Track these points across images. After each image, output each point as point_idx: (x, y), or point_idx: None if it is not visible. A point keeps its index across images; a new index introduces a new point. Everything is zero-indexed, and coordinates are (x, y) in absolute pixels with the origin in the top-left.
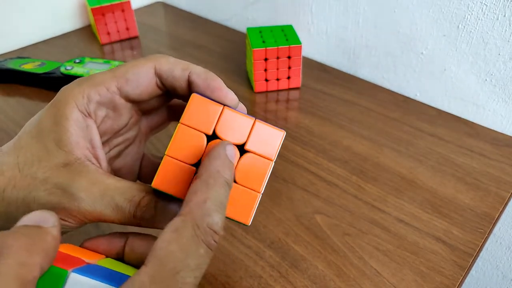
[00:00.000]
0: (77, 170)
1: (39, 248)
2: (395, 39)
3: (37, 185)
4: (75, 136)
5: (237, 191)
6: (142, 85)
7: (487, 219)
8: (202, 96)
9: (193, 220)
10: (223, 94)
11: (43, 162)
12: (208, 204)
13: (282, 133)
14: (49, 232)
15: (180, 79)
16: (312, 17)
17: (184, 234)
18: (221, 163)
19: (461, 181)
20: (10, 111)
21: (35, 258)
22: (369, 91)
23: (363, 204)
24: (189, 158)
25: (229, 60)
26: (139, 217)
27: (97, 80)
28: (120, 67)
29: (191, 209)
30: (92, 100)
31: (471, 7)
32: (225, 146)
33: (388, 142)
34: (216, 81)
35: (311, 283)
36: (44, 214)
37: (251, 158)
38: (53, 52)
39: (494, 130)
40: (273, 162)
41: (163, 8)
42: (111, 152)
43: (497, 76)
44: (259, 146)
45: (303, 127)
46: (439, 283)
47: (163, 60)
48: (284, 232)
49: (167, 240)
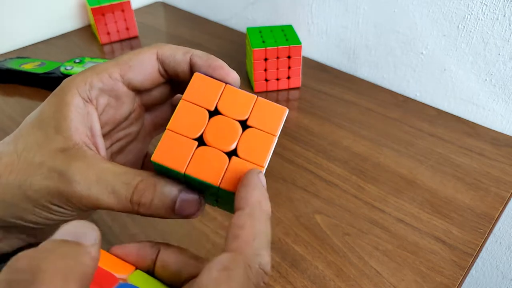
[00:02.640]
0: (74, 155)
1: (77, 273)
2: (395, 39)
3: (33, 169)
4: (75, 121)
5: (239, 165)
6: (144, 71)
7: (487, 219)
8: (205, 75)
9: (244, 259)
10: (225, 72)
11: (41, 147)
12: (257, 241)
13: (285, 109)
14: (89, 252)
15: (182, 62)
16: (312, 17)
17: (235, 275)
18: (261, 194)
19: (461, 181)
20: (10, 111)
21: (72, 285)
22: (369, 91)
23: (363, 204)
24: (190, 132)
25: (229, 60)
26: (136, 202)
27: (100, 68)
28: (123, 55)
29: (240, 246)
30: (94, 86)
31: (471, 7)
32: (258, 174)
33: (388, 142)
34: (218, 61)
35: (311, 283)
36: (85, 227)
37: (254, 133)
38: (53, 52)
39: (494, 130)
40: (276, 138)
41: (163, 8)
42: (113, 147)
43: (497, 76)
44: (261, 121)
45: (303, 127)
46: (439, 283)
47: (164, 46)
48: (284, 232)
49: (216, 279)
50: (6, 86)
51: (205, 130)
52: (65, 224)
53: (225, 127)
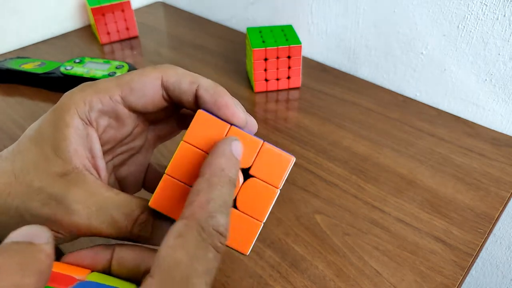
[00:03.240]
0: (74, 180)
1: (33, 267)
2: (395, 39)
3: (31, 194)
4: (74, 144)
5: (238, 217)
6: (147, 96)
7: (487, 219)
8: (209, 113)
9: (197, 222)
10: (230, 112)
11: (39, 169)
12: (212, 205)
13: (292, 158)
14: (42, 249)
15: (187, 92)
16: (312, 17)
17: (189, 238)
18: (225, 161)
19: (461, 181)
20: (10, 111)
21: (29, 279)
22: (369, 91)
23: (363, 204)
24: (189, 179)
25: (229, 60)
26: (135, 233)
27: (100, 87)
28: (126, 75)
29: (194, 211)
30: (93, 108)
31: (471, 7)
32: (230, 142)
33: (388, 142)
34: (224, 98)
35: (311, 283)
36: (36, 229)
37: (256, 183)
38: (53, 52)
39: (494, 130)
40: (278, 190)
41: (163, 8)
42: (114, 160)
43: (497, 76)
44: (265, 171)
45: (303, 127)
46: (439, 283)
47: (170, 72)
48: (284, 232)
49: (172, 246)
50: (6, 86)
51: None
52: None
53: None
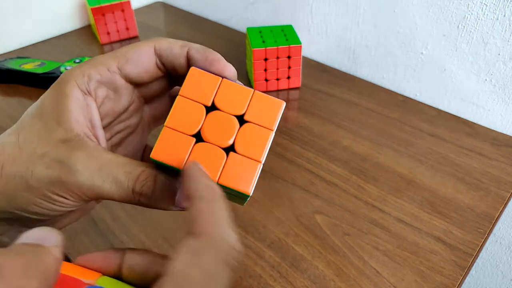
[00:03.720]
0: (76, 145)
1: (38, 270)
2: (395, 39)
3: (35, 160)
4: (75, 113)
5: (237, 160)
6: (142, 64)
7: (487, 219)
8: (201, 69)
9: (212, 240)
10: (221, 66)
11: (43, 138)
12: (219, 222)
13: (283, 103)
14: (50, 252)
15: (179, 56)
16: (312, 17)
17: (205, 257)
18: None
19: (461, 181)
20: (10, 110)
21: (32, 282)
22: (369, 91)
23: (363, 204)
24: (188, 129)
25: (229, 60)
26: (138, 192)
27: (98, 60)
28: (122, 48)
29: (205, 229)
30: (92, 78)
31: (471, 7)
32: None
33: (388, 142)
34: (214, 54)
35: (311, 283)
36: (47, 231)
37: (251, 128)
38: (53, 52)
39: (494, 130)
40: (273, 132)
41: (163, 8)
42: (112, 139)
43: (497, 76)
44: (258, 116)
45: (303, 127)
46: (439, 283)
47: (162, 40)
48: (284, 232)
49: (186, 263)
50: (6, 86)
51: (203, 126)
52: (27, 231)
53: (222, 122)
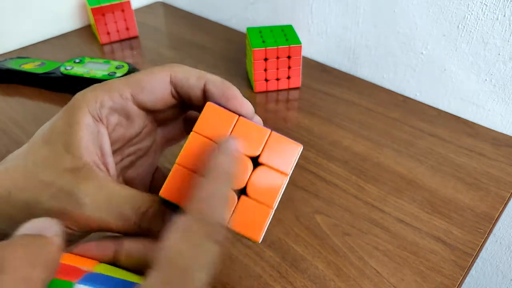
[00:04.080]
0: (84, 175)
1: (42, 260)
2: (395, 39)
3: (42, 188)
4: (85, 140)
5: (248, 204)
6: (156, 93)
7: (487, 219)
8: (217, 105)
9: (200, 216)
10: (238, 103)
11: (50, 165)
12: (212, 200)
13: (299, 147)
14: (51, 241)
15: (195, 87)
16: (312, 17)
17: (192, 231)
18: (225, 158)
19: (461, 181)
20: (10, 111)
21: (37, 272)
22: (369, 91)
23: (363, 204)
24: (199, 168)
25: (229, 60)
26: (144, 228)
27: (111, 86)
28: (135, 74)
29: (196, 205)
30: (104, 105)
31: (471, 7)
32: (229, 139)
33: (388, 142)
34: (231, 90)
35: (311, 283)
36: (46, 221)
37: (265, 171)
38: (53, 52)
39: (494, 130)
40: (288, 177)
41: (163, 8)
42: (123, 162)
43: (497, 76)
44: (274, 159)
45: (303, 127)
46: (439, 283)
47: (178, 69)
48: (284, 232)
49: (175, 239)
50: (6, 86)
51: None
52: (28, 221)
53: None
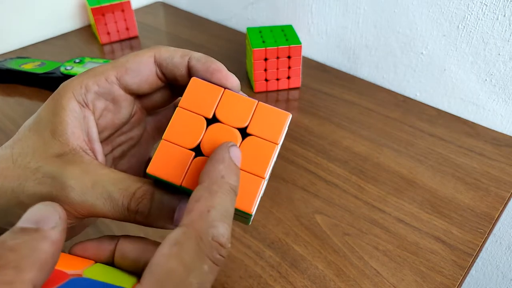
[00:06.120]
0: (70, 159)
1: (32, 261)
2: (395, 39)
3: (28, 175)
4: (71, 126)
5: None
6: (141, 74)
7: (487, 219)
8: (202, 80)
9: (196, 232)
10: (223, 76)
11: (37, 152)
12: (213, 213)
13: (289, 115)
14: (47, 236)
15: (180, 65)
16: (312, 17)
17: (185, 248)
18: (225, 167)
19: (461, 181)
20: (10, 111)
21: (25, 275)
22: (369, 91)
23: (363, 204)
24: (187, 142)
25: (229, 60)
26: (133, 210)
27: (96, 71)
28: (121, 58)
29: (193, 219)
30: (90, 90)
31: (471, 7)
32: (228, 148)
33: (388, 142)
34: (216, 64)
35: (311, 283)
36: (46, 210)
37: (254, 141)
38: (53, 52)
39: (494, 130)
40: (278, 146)
41: (163, 8)
42: (114, 152)
43: (497, 76)
44: (262, 129)
45: (303, 127)
46: (439, 283)
47: (162, 49)
48: (284, 232)
49: (166, 255)
50: (6, 86)
51: (203, 140)
52: (30, 208)
53: (224, 135)
